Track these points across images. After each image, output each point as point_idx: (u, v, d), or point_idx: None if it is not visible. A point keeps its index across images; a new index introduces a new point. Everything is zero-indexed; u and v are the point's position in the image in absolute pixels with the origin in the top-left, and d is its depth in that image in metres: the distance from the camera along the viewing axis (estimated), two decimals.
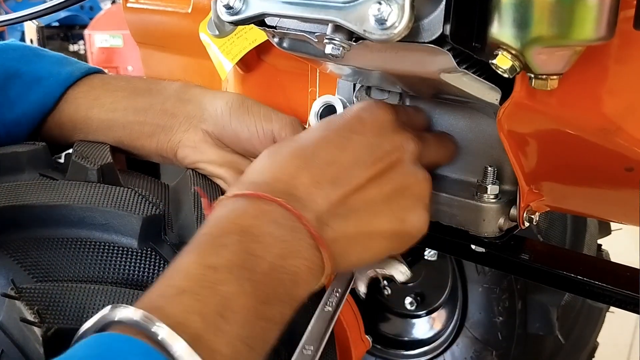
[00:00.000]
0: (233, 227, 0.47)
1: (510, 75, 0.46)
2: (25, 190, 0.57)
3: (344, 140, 0.55)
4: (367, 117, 0.57)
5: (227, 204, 0.50)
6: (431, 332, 1.51)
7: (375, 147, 0.55)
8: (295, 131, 0.66)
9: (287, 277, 0.47)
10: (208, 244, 0.46)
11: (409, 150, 0.57)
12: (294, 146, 0.55)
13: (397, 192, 0.55)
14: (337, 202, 0.52)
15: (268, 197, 0.49)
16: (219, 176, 0.69)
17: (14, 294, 0.48)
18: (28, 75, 0.68)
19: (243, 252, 0.46)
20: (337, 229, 0.52)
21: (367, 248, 0.55)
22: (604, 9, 0.43)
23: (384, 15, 0.45)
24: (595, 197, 0.64)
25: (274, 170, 0.52)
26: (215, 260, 0.45)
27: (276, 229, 0.48)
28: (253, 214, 0.49)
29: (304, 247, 0.49)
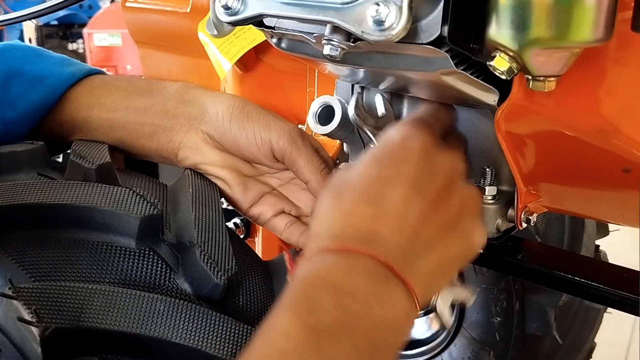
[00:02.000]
0: (328, 287, 0.46)
1: (508, 76, 0.47)
2: (23, 189, 0.57)
3: (400, 174, 0.53)
4: (413, 144, 0.55)
5: (315, 260, 0.49)
6: (429, 332, 1.52)
7: (430, 172, 0.54)
8: (293, 141, 0.66)
9: (387, 329, 0.46)
10: (305, 304, 0.45)
11: (459, 168, 0.57)
12: (357, 191, 0.53)
13: (459, 213, 0.55)
14: (415, 240, 0.51)
15: (357, 249, 0.48)
16: (219, 178, 0.70)
17: (11, 293, 0.48)
18: (30, 75, 0.68)
19: (342, 312, 0.45)
20: (422, 269, 0.51)
21: (445, 276, 0.56)
22: (602, 10, 0.43)
23: (382, 17, 0.45)
24: (592, 198, 0.64)
25: (349, 219, 0.51)
26: (316, 321, 0.44)
27: (370, 283, 0.47)
28: (345, 270, 0.47)
29: (398, 295, 0.48)
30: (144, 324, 0.51)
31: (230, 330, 0.54)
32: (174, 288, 0.57)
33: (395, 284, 0.48)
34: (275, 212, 0.71)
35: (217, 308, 0.56)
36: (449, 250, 0.54)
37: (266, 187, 0.72)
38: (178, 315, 0.53)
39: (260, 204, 0.72)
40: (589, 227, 1.34)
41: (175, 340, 0.51)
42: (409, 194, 0.52)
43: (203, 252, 0.58)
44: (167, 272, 0.58)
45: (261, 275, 0.64)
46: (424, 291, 0.52)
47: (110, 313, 0.51)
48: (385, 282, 0.48)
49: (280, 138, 0.66)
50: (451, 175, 0.55)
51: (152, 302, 0.53)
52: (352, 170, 0.55)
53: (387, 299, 0.47)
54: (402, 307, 0.48)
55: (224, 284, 0.57)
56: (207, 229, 0.61)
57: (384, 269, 0.48)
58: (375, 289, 0.47)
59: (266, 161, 0.69)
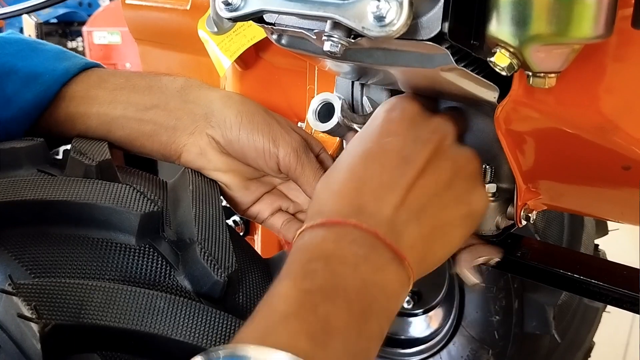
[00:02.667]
0: (318, 253, 0.49)
1: (508, 73, 0.46)
2: (23, 186, 0.57)
3: (384, 146, 0.55)
4: (395, 115, 0.57)
5: (305, 235, 0.51)
6: (428, 330, 1.52)
7: (415, 139, 0.55)
8: (299, 157, 0.67)
9: (379, 292, 0.48)
10: (298, 271, 0.48)
11: (448, 131, 0.57)
12: (342, 171, 0.55)
13: (451, 176, 0.55)
14: (401, 206, 0.52)
15: (341, 221, 0.50)
16: (222, 182, 0.70)
17: (11, 289, 0.48)
18: (24, 72, 0.67)
19: (333, 275, 0.47)
20: (412, 234, 0.52)
21: (446, 241, 0.56)
22: (602, 7, 0.43)
23: (383, 13, 0.45)
24: (592, 195, 0.64)
25: (336, 198, 0.53)
26: (309, 285, 0.46)
27: (357, 249, 0.49)
28: (332, 239, 0.49)
29: (387, 261, 0.49)
30: (143, 320, 0.51)
31: (230, 327, 0.54)
32: (174, 285, 0.57)
33: (383, 249, 0.49)
34: (272, 211, 0.72)
35: (217, 305, 0.56)
36: (443, 214, 0.54)
37: (267, 186, 0.73)
38: (178, 312, 0.53)
39: (258, 203, 0.72)
40: (588, 226, 1.34)
41: (175, 337, 0.51)
42: (393, 164, 0.53)
43: (203, 249, 0.58)
44: (167, 269, 0.58)
45: (261, 273, 0.64)
46: (420, 257, 0.52)
47: (110, 310, 0.51)
48: (372, 248, 0.49)
49: (286, 155, 0.67)
50: (439, 139, 0.56)
51: (152, 299, 0.53)
52: (342, 153, 0.57)
53: (376, 263, 0.49)
54: (392, 273, 0.49)
55: (224, 281, 0.57)
56: (207, 226, 0.61)
57: (370, 237, 0.50)
58: (362, 254, 0.49)
59: (271, 172, 0.69)
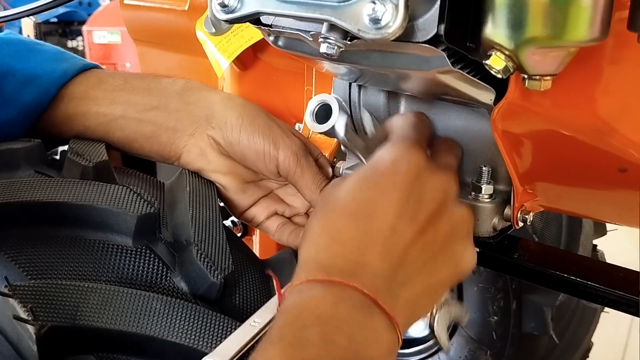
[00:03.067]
0: (314, 319, 0.47)
1: (504, 75, 0.47)
2: (20, 187, 0.57)
3: (390, 200, 0.53)
4: (402, 168, 0.54)
5: (302, 290, 0.49)
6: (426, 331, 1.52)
7: (419, 196, 0.54)
8: (298, 161, 0.67)
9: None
10: (292, 337, 0.46)
11: (451, 190, 0.56)
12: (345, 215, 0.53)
13: (448, 237, 0.55)
14: (400, 267, 0.51)
15: (343, 283, 0.49)
16: (221, 184, 0.70)
17: (7, 291, 0.48)
18: (22, 73, 0.67)
19: (326, 345, 0.45)
20: (406, 296, 0.51)
21: (432, 300, 0.56)
22: (598, 10, 0.43)
23: (379, 15, 0.45)
24: (589, 197, 0.64)
25: (337, 248, 0.51)
26: (301, 356, 0.44)
27: (355, 316, 0.47)
28: (331, 302, 0.48)
29: (382, 329, 0.48)
30: (140, 322, 0.51)
31: (226, 329, 0.54)
32: (170, 287, 0.57)
33: (379, 316, 0.48)
34: (268, 215, 0.72)
35: (213, 307, 0.56)
36: (436, 275, 0.54)
37: (264, 190, 0.73)
38: (174, 313, 0.53)
39: (254, 207, 0.72)
40: (587, 227, 1.34)
41: (171, 339, 0.51)
42: (397, 220, 0.52)
43: (200, 250, 0.58)
44: (163, 270, 0.58)
45: (258, 274, 0.64)
46: (408, 318, 0.52)
47: (106, 311, 0.51)
48: (369, 314, 0.48)
49: (286, 158, 0.67)
50: (442, 199, 0.55)
51: (148, 300, 0.53)
52: (341, 190, 0.55)
53: (371, 331, 0.48)
54: (385, 340, 0.48)
55: (220, 282, 0.57)
56: (204, 227, 0.61)
57: (368, 302, 0.48)
58: (360, 322, 0.47)
59: (270, 175, 0.69)
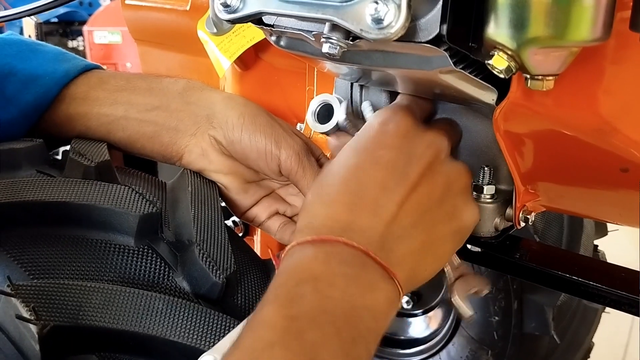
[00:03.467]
0: (306, 275, 0.47)
1: (506, 75, 0.47)
2: (22, 187, 0.57)
3: (378, 160, 0.54)
4: (390, 128, 0.56)
5: (294, 252, 0.50)
6: (427, 331, 1.52)
7: (408, 154, 0.54)
8: (300, 161, 0.67)
9: (367, 313, 0.47)
10: (286, 295, 0.47)
11: (442, 146, 0.57)
12: (334, 183, 0.54)
13: (444, 191, 0.55)
14: (393, 223, 0.52)
15: (332, 239, 0.49)
16: (222, 184, 0.70)
17: (10, 291, 0.48)
18: (23, 74, 0.66)
19: (321, 298, 0.46)
20: (403, 250, 0.52)
21: (436, 257, 0.56)
22: (600, 10, 0.43)
23: (381, 15, 0.45)
24: (590, 197, 0.64)
25: (328, 211, 0.52)
26: (296, 310, 0.45)
27: (347, 269, 0.48)
28: (322, 258, 0.48)
29: (377, 279, 0.49)
30: (142, 322, 0.52)
31: (228, 328, 0.54)
32: (172, 286, 0.57)
33: (374, 268, 0.49)
34: (269, 214, 0.72)
35: (215, 306, 0.57)
36: (434, 230, 0.54)
37: (265, 190, 0.73)
38: (176, 313, 0.53)
39: (256, 207, 0.72)
40: (588, 227, 1.34)
41: (173, 338, 0.52)
42: (386, 178, 0.53)
43: (202, 250, 0.58)
44: (165, 270, 0.58)
45: (260, 274, 0.64)
46: (410, 272, 0.52)
47: (108, 311, 0.51)
48: (362, 267, 0.48)
49: (288, 157, 0.66)
50: (433, 154, 0.55)
51: (150, 300, 0.53)
52: (333, 161, 0.56)
53: (366, 283, 0.48)
54: (382, 292, 0.49)
55: (222, 282, 0.57)
56: (206, 227, 0.61)
57: (360, 255, 0.49)
58: (352, 275, 0.48)
59: (271, 174, 0.69)
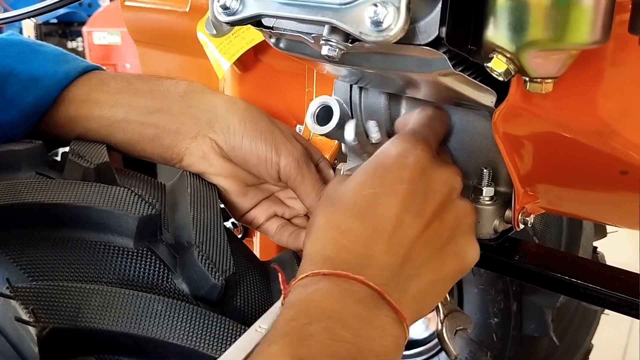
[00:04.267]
0: (319, 314, 0.46)
1: (505, 78, 0.47)
2: (21, 188, 0.57)
3: (395, 195, 0.53)
4: (409, 162, 0.54)
5: (308, 284, 0.49)
6: (426, 332, 1.52)
7: (425, 190, 0.54)
8: (299, 167, 0.67)
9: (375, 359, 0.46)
10: (295, 333, 0.45)
11: (457, 184, 0.57)
12: (350, 209, 0.53)
13: (453, 232, 0.55)
14: (407, 261, 0.51)
15: (350, 276, 0.48)
16: (222, 187, 0.70)
17: (9, 293, 0.48)
18: (24, 75, 0.66)
19: (331, 340, 0.45)
20: (413, 290, 0.51)
21: (437, 295, 0.56)
22: (599, 12, 0.43)
23: (380, 18, 0.45)
24: (590, 199, 0.64)
25: (343, 241, 0.51)
26: (306, 352, 0.44)
27: (362, 310, 0.47)
28: (337, 297, 0.47)
29: (389, 323, 0.48)
30: (141, 324, 0.51)
31: (227, 330, 0.54)
32: (171, 288, 0.57)
33: (386, 310, 0.48)
34: (268, 216, 0.72)
35: (214, 308, 0.56)
36: (442, 269, 0.54)
37: (265, 193, 0.73)
38: (175, 315, 0.53)
39: (255, 209, 0.72)
40: (587, 229, 1.34)
41: (172, 340, 0.51)
42: (403, 214, 0.52)
43: (201, 252, 0.58)
44: (164, 272, 0.58)
45: (259, 276, 0.64)
46: (415, 312, 0.52)
47: (107, 313, 0.51)
48: (376, 309, 0.48)
49: (288, 164, 0.67)
50: (447, 193, 0.55)
51: (149, 302, 0.53)
52: (346, 185, 0.55)
53: (377, 326, 0.47)
54: (391, 337, 0.48)
55: (221, 284, 0.57)
56: (205, 229, 0.61)
57: (375, 295, 0.48)
58: (366, 317, 0.47)
59: (270, 180, 0.70)
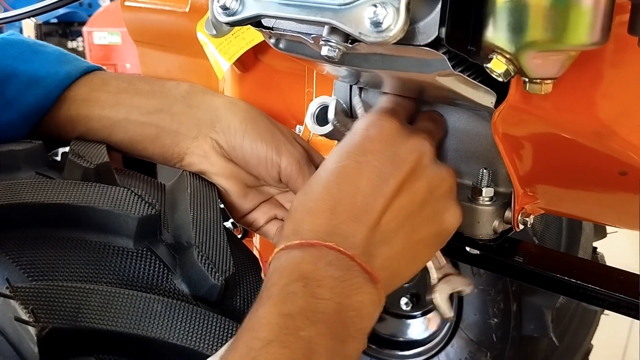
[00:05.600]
0: (297, 275, 0.49)
1: (505, 79, 0.47)
2: (21, 188, 0.57)
3: (361, 165, 0.54)
4: (374, 133, 0.56)
5: (281, 256, 0.51)
6: (426, 332, 1.52)
7: (391, 159, 0.55)
8: (300, 168, 0.67)
9: (354, 314, 0.48)
10: (279, 293, 0.48)
11: (426, 150, 0.57)
12: (318, 188, 0.55)
13: (427, 196, 0.56)
14: (375, 228, 0.52)
15: (318, 243, 0.50)
16: (222, 188, 0.70)
17: (9, 292, 0.48)
18: (25, 75, 0.66)
19: (311, 297, 0.47)
20: (385, 254, 0.53)
21: (415, 260, 0.57)
22: (599, 14, 0.43)
23: (380, 18, 0.45)
24: (589, 200, 0.64)
25: (312, 216, 0.53)
26: (290, 308, 0.46)
27: (334, 271, 0.49)
28: (309, 260, 0.50)
29: (361, 282, 0.50)
30: (141, 324, 0.52)
31: (227, 330, 0.54)
32: (171, 288, 0.57)
33: (358, 272, 0.50)
34: (268, 219, 0.72)
35: (214, 309, 0.57)
36: (415, 234, 0.55)
37: (265, 196, 0.73)
38: (175, 315, 0.53)
39: (255, 212, 0.72)
40: (587, 229, 1.34)
41: (172, 340, 0.52)
42: (368, 184, 0.54)
43: (201, 252, 0.58)
44: (164, 272, 0.58)
45: (258, 276, 0.64)
46: (390, 276, 0.53)
47: (107, 313, 0.51)
48: (348, 270, 0.50)
49: (289, 165, 0.67)
50: (416, 160, 0.56)
51: (149, 302, 0.53)
52: (319, 168, 0.57)
53: (352, 285, 0.49)
54: (366, 294, 0.50)
55: (221, 284, 0.57)
56: (204, 229, 0.61)
57: (345, 259, 0.50)
58: (339, 277, 0.49)
59: (271, 181, 0.70)
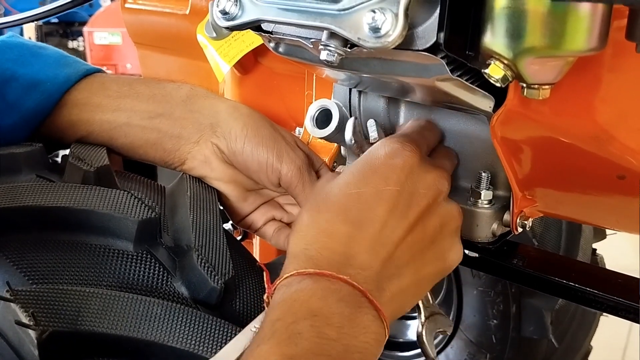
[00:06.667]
0: (304, 312, 0.47)
1: (503, 84, 0.47)
2: (21, 191, 0.57)
3: (382, 194, 0.54)
4: (397, 163, 0.55)
5: (292, 283, 0.50)
6: None
7: (411, 193, 0.55)
8: (301, 175, 0.67)
9: (359, 355, 0.48)
10: (283, 333, 0.46)
11: (443, 189, 0.57)
12: (336, 208, 0.54)
13: (437, 233, 0.56)
14: (388, 262, 0.52)
15: (333, 275, 0.49)
16: (223, 192, 0.70)
17: (9, 296, 0.49)
18: (25, 79, 0.66)
19: (317, 338, 0.46)
20: (393, 289, 0.52)
21: (416, 295, 0.57)
22: (596, 20, 0.43)
23: (378, 24, 0.45)
24: (588, 204, 0.64)
25: (328, 239, 0.52)
26: (294, 351, 0.45)
27: (344, 308, 0.48)
28: (321, 294, 0.49)
29: (370, 321, 0.49)
30: (141, 327, 0.52)
31: (226, 334, 0.54)
32: (171, 292, 0.57)
33: (367, 308, 0.49)
34: (266, 220, 0.73)
35: (213, 312, 0.57)
36: (423, 270, 0.55)
37: (264, 198, 0.73)
38: (175, 319, 0.53)
39: (254, 214, 0.72)
40: (586, 231, 1.34)
41: (171, 344, 0.52)
42: (386, 215, 0.53)
43: (200, 255, 0.58)
44: (164, 275, 0.58)
45: (258, 279, 0.64)
46: (394, 311, 0.53)
47: (107, 316, 0.51)
48: (358, 308, 0.49)
49: (289, 171, 0.67)
50: (433, 196, 0.56)
51: (149, 305, 0.53)
52: (333, 184, 0.56)
53: (359, 323, 0.48)
54: (372, 332, 0.49)
55: (220, 287, 0.57)
56: (204, 232, 0.61)
57: (358, 295, 0.49)
58: (348, 314, 0.48)
59: (271, 186, 0.70)
